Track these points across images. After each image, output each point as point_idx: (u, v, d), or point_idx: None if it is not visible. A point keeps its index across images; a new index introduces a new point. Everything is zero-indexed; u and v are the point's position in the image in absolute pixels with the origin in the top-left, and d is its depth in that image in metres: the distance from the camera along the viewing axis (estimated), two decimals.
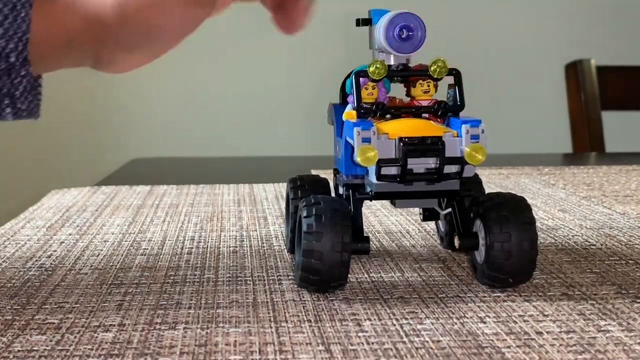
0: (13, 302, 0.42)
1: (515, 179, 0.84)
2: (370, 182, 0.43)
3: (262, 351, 0.35)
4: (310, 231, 0.40)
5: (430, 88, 0.45)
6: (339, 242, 0.40)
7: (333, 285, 0.42)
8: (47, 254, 0.53)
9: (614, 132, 1.50)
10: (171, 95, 2.01)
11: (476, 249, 0.43)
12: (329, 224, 0.40)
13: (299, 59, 1.97)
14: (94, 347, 0.35)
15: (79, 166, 2.00)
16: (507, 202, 0.42)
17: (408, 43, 0.43)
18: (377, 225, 0.60)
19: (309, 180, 0.51)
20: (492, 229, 0.41)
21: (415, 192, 0.43)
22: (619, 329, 0.37)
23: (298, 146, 1.99)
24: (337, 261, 0.40)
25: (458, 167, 0.42)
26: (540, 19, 2.07)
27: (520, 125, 2.07)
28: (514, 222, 0.41)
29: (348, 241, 0.40)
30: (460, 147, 0.42)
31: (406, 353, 0.34)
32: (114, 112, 2.03)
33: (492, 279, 0.42)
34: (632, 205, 0.68)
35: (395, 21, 0.43)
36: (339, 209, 0.41)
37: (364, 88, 0.44)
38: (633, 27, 2.09)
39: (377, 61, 0.43)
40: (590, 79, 1.36)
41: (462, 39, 2.03)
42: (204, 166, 1.13)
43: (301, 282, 0.42)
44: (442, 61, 0.43)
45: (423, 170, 0.42)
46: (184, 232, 0.59)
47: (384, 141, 0.41)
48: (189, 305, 0.41)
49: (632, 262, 0.49)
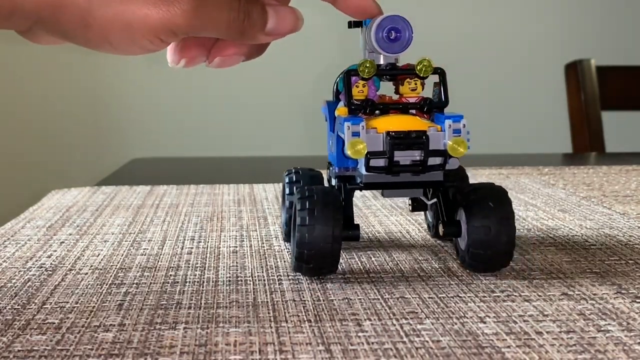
0: (13, 302, 0.42)
1: (515, 179, 0.84)
2: (360, 174, 0.46)
3: (262, 351, 0.35)
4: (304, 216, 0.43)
5: (417, 86, 0.47)
6: (330, 217, 0.43)
7: (324, 270, 0.45)
8: (47, 254, 0.53)
9: (614, 132, 1.50)
10: (171, 96, 2.01)
11: (459, 236, 0.47)
12: (322, 207, 0.43)
13: (299, 59, 1.97)
14: (94, 347, 0.35)
15: (79, 166, 2.00)
16: (485, 189, 0.46)
17: (396, 44, 0.46)
18: (377, 225, 0.60)
19: (304, 173, 0.54)
20: (471, 211, 0.45)
21: (402, 183, 0.46)
22: (619, 329, 0.37)
23: (298, 146, 1.99)
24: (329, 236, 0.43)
25: (442, 160, 0.45)
26: (540, 19, 2.07)
27: (520, 125, 2.07)
28: (493, 205, 0.44)
29: (339, 217, 0.44)
30: (444, 140, 0.44)
31: (406, 353, 0.34)
32: (114, 112, 2.03)
33: (476, 260, 0.45)
34: (632, 205, 0.68)
35: (383, 23, 0.46)
36: (330, 193, 0.45)
37: (354, 86, 0.47)
38: (633, 27, 2.09)
39: (367, 60, 0.45)
40: (590, 79, 1.36)
41: (462, 39, 2.03)
42: (204, 166, 1.13)
43: (297, 262, 0.44)
44: (428, 60, 0.46)
45: (409, 162, 0.45)
46: (184, 232, 0.59)
47: (373, 135, 0.44)
48: (189, 305, 0.41)
49: (632, 262, 0.49)
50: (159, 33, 0.40)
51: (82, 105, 2.01)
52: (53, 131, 2.01)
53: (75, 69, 1.99)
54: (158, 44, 0.40)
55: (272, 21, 0.43)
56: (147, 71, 2.00)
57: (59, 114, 2.00)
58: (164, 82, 2.00)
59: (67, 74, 1.99)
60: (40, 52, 1.96)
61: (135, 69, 2.00)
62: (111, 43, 0.40)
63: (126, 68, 2.00)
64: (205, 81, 2.00)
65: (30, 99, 1.99)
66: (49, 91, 1.99)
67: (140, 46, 0.40)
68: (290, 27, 0.44)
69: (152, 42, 0.40)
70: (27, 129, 2.01)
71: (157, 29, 0.39)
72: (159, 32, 0.40)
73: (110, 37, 0.40)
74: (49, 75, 1.99)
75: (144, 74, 2.00)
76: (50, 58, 1.97)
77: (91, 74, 2.00)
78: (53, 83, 1.99)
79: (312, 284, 0.44)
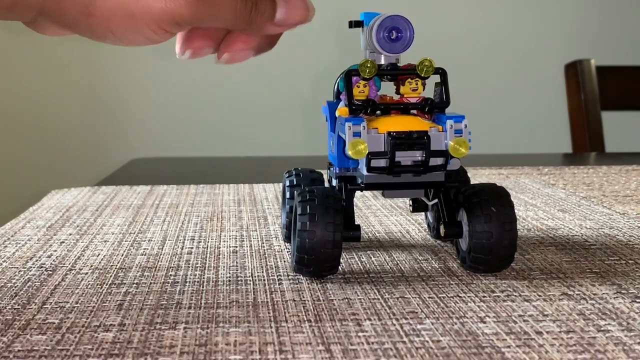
0: (13, 302, 0.42)
1: (515, 179, 0.84)
2: (361, 174, 0.46)
3: (262, 351, 0.35)
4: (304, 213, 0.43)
5: (418, 86, 0.47)
6: (331, 222, 0.43)
7: (324, 273, 0.45)
8: (47, 254, 0.53)
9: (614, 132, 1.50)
10: (171, 96, 2.01)
11: (460, 237, 0.46)
12: (322, 212, 0.43)
13: (299, 59, 1.97)
14: (94, 347, 0.35)
15: (79, 166, 2.00)
16: (487, 189, 0.45)
17: (397, 44, 0.46)
18: (377, 225, 0.60)
19: (305, 175, 0.53)
20: (473, 214, 0.44)
21: (403, 183, 0.46)
22: (618, 329, 0.37)
23: (298, 146, 1.99)
24: (329, 241, 0.43)
25: (443, 160, 0.45)
26: (540, 19, 2.07)
27: (520, 125, 2.07)
28: (495, 209, 0.44)
29: (340, 222, 0.43)
30: (445, 141, 0.44)
31: (406, 353, 0.34)
32: (114, 112, 2.03)
33: (476, 262, 0.45)
34: (632, 205, 0.68)
35: (384, 23, 0.45)
36: (331, 196, 0.44)
37: (355, 86, 0.46)
38: (633, 27, 2.09)
39: (368, 60, 0.45)
40: (590, 79, 1.36)
41: (463, 39, 2.03)
42: (204, 166, 1.13)
43: (297, 265, 0.44)
44: (429, 61, 0.45)
45: (410, 162, 0.44)
46: (184, 232, 0.59)
47: (374, 135, 0.44)
48: (189, 305, 0.41)
49: (632, 262, 0.49)
50: (162, 24, 0.39)
51: (82, 105, 2.01)
52: (53, 131, 2.01)
53: (76, 69, 1.99)
54: (162, 35, 0.40)
55: (281, 11, 0.42)
56: (147, 71, 2.00)
57: (59, 114, 2.00)
58: (164, 82, 2.00)
59: (67, 74, 1.99)
60: (40, 52, 1.96)
61: (135, 68, 2.00)
62: (114, 33, 0.39)
63: (126, 68, 2.00)
64: (206, 81, 2.00)
65: (31, 99, 1.99)
66: (49, 91, 1.99)
67: (144, 36, 0.39)
68: (300, 18, 0.43)
69: (155, 32, 0.39)
70: (27, 128, 2.01)
71: (160, 19, 0.39)
72: (162, 22, 0.39)
73: (113, 27, 0.39)
74: (49, 75, 1.99)
75: (144, 74, 2.00)
76: (51, 58, 1.97)
77: (91, 73, 2.00)
78: (53, 83, 1.99)
79: (312, 284, 0.44)
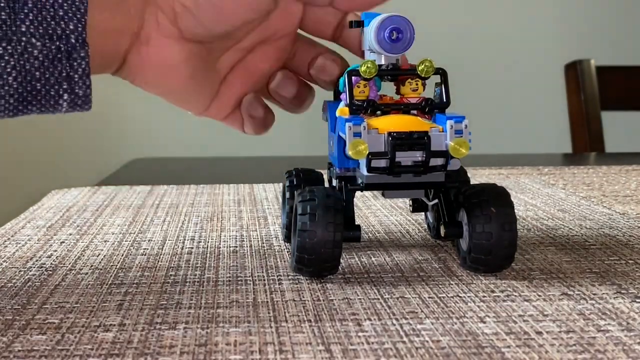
0: (13, 302, 0.42)
1: (515, 179, 0.84)
2: (361, 174, 0.46)
3: (262, 351, 0.35)
4: (305, 212, 0.43)
5: (419, 86, 0.47)
6: (331, 222, 0.43)
7: (324, 273, 0.45)
8: (47, 254, 0.53)
9: (614, 132, 1.50)
10: None
11: (460, 237, 0.46)
12: (323, 212, 0.43)
13: None
14: (94, 347, 0.35)
15: (79, 166, 2.01)
16: (487, 189, 0.45)
17: (398, 44, 0.46)
18: (377, 226, 0.60)
19: (305, 175, 0.54)
20: (473, 214, 0.44)
21: (403, 184, 0.46)
22: (618, 329, 0.37)
23: (298, 146, 1.99)
24: (329, 241, 0.43)
25: (443, 160, 0.44)
26: (540, 19, 2.07)
27: (520, 125, 2.07)
28: (495, 209, 0.44)
29: (340, 222, 0.43)
30: (445, 141, 0.44)
31: (406, 353, 0.34)
32: (114, 112, 2.03)
33: (476, 263, 0.45)
34: (632, 205, 0.68)
35: (385, 24, 0.45)
36: (331, 196, 0.44)
37: (355, 86, 0.46)
38: (633, 27, 2.09)
39: (368, 61, 0.45)
40: (590, 79, 1.36)
41: (462, 39, 2.04)
42: (204, 166, 1.13)
43: (297, 265, 0.44)
44: (429, 61, 0.45)
45: (410, 162, 0.44)
46: (184, 232, 0.59)
47: (374, 136, 0.44)
48: (189, 305, 0.41)
49: (632, 262, 0.49)
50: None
51: None
52: (53, 131, 2.01)
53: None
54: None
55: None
56: None
57: (59, 114, 2.00)
58: None
59: None
60: None
61: None
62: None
63: None
64: None
65: None
66: None
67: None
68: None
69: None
70: (27, 129, 2.01)
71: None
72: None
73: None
74: None
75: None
76: None
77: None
78: None
79: (312, 284, 0.44)
